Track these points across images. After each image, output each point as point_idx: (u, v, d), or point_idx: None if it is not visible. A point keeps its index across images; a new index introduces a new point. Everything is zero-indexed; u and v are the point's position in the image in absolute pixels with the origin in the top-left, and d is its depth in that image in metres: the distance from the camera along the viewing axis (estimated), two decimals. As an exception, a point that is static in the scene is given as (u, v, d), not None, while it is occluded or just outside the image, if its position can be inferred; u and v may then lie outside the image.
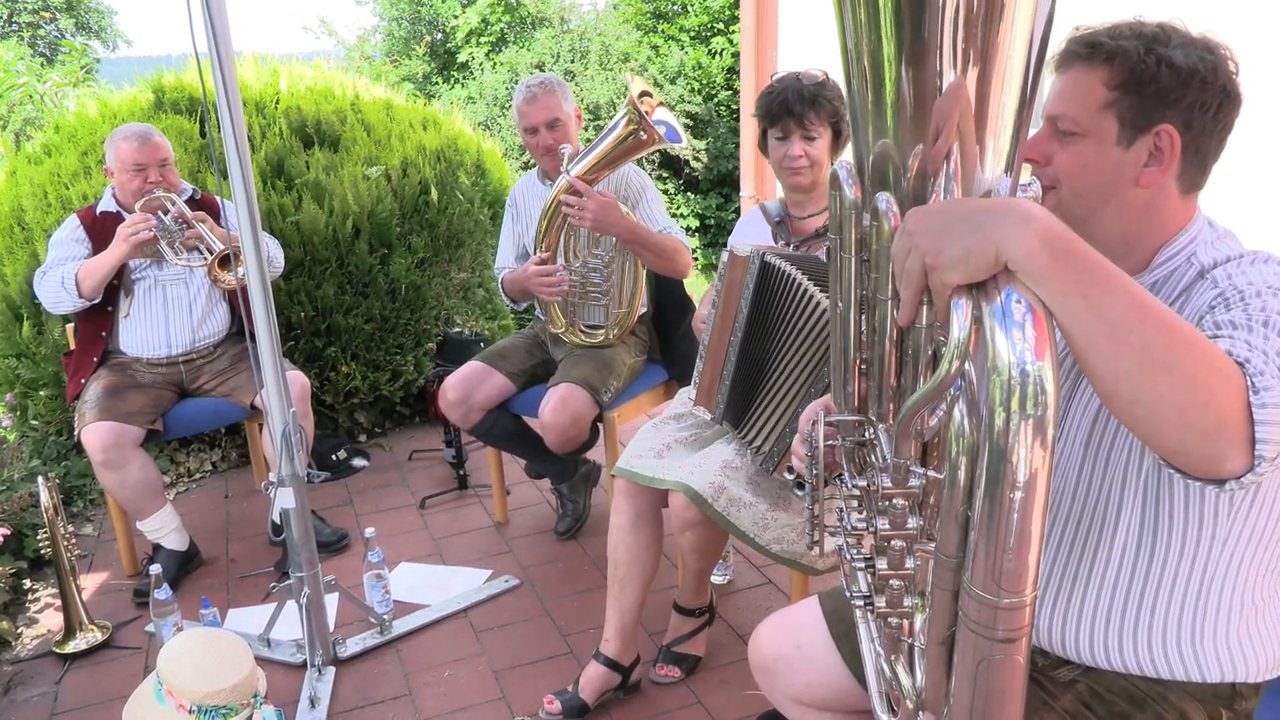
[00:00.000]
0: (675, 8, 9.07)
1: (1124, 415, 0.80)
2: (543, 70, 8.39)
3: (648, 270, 2.83)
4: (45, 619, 2.77)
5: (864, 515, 0.97)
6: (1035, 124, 1.14)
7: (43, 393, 3.60)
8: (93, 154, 3.71)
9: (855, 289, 0.96)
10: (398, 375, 3.97)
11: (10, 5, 15.48)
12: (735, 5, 7.90)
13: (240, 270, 2.74)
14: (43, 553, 2.69)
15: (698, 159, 8.14)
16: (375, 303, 3.81)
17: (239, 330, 3.12)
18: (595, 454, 3.11)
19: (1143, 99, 1.09)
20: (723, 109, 8.24)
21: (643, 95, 2.48)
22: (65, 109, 5.93)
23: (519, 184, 3.06)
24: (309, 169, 3.82)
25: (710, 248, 8.03)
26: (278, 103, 4.09)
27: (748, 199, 5.67)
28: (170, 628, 2.42)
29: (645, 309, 2.99)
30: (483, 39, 9.78)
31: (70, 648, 2.57)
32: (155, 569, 2.46)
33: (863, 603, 0.96)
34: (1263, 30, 2.84)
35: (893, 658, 0.99)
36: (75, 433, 2.82)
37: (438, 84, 10.04)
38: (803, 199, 2.25)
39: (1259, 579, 1.14)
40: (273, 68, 4.40)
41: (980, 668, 0.78)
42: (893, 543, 0.89)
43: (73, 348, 3.04)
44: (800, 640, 1.49)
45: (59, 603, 2.67)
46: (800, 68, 2.18)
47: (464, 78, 9.65)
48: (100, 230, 2.89)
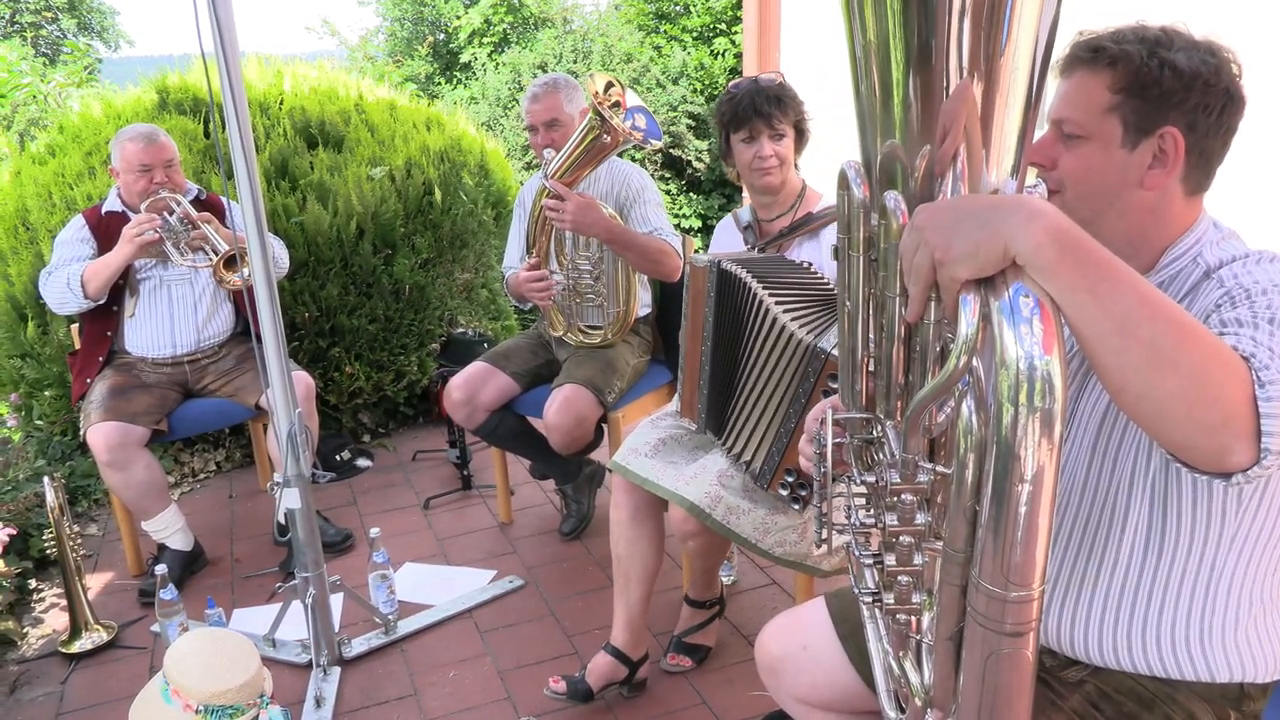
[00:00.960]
0: (678, 8, 9.08)
1: (1131, 409, 0.81)
2: (545, 71, 8.39)
3: None
4: (51, 619, 2.77)
5: (872, 512, 0.97)
6: (1040, 128, 1.15)
7: (48, 393, 3.60)
8: (97, 154, 3.71)
9: (863, 287, 0.96)
10: (401, 376, 3.97)
11: (12, 5, 15.49)
12: (738, 6, 7.90)
13: (245, 271, 2.75)
14: (48, 553, 2.70)
15: (700, 159, 8.15)
16: (379, 303, 3.81)
17: (244, 330, 3.12)
18: (600, 455, 3.11)
19: (1146, 102, 1.09)
20: (725, 109, 8.24)
21: (608, 88, 2.43)
22: (69, 109, 5.94)
23: (527, 184, 3.07)
24: (313, 169, 3.82)
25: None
26: (282, 103, 4.10)
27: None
28: (175, 628, 2.42)
29: (649, 310, 2.99)
30: (485, 39, 9.80)
31: (76, 648, 2.57)
32: (160, 569, 2.47)
33: (871, 599, 0.96)
34: (1265, 32, 2.84)
35: (901, 654, 0.99)
36: (80, 433, 2.83)
37: (440, 84, 10.06)
38: (769, 201, 2.28)
39: (1267, 577, 1.14)
40: (276, 68, 4.40)
41: (989, 662, 0.78)
42: (901, 538, 0.89)
43: (78, 348, 3.04)
44: (807, 641, 1.49)
45: (64, 603, 2.67)
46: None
47: (466, 78, 9.67)
48: (105, 230, 2.90)
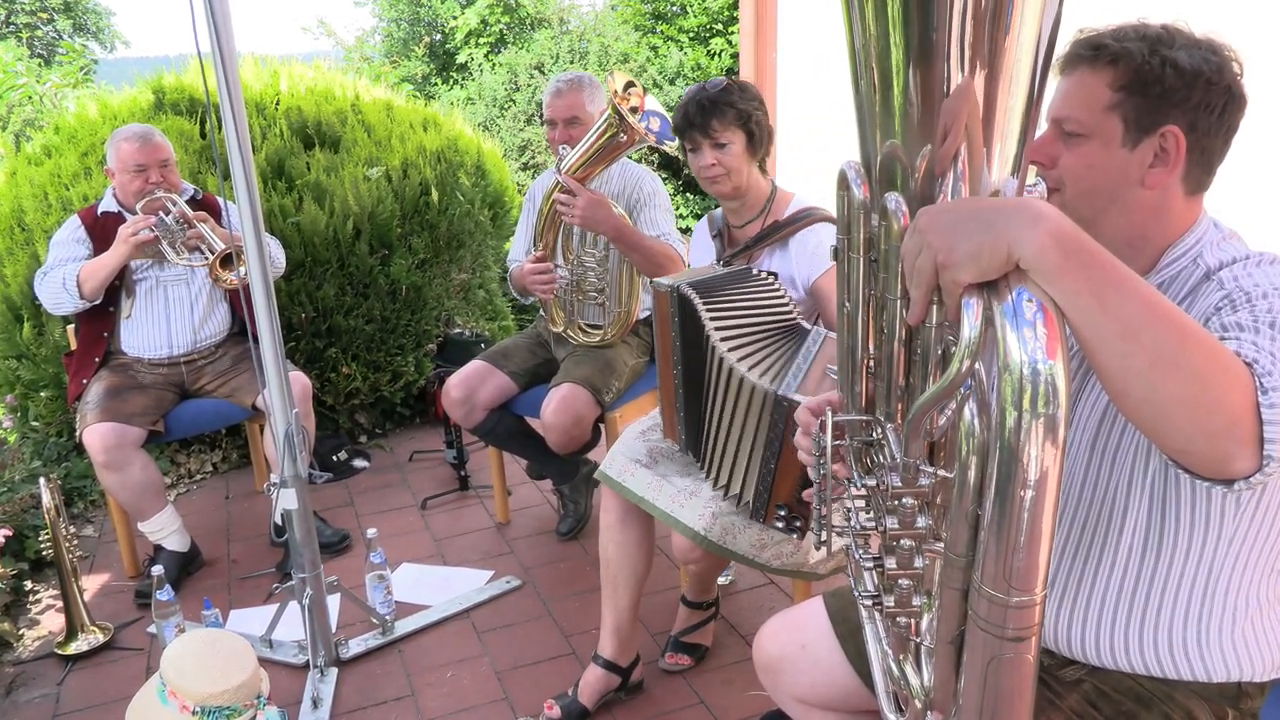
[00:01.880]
0: (674, 8, 9.07)
1: (1133, 414, 0.80)
2: (542, 72, 8.39)
3: None
4: (47, 620, 2.77)
5: (871, 515, 0.97)
6: (1039, 126, 1.15)
7: (44, 394, 3.59)
8: (93, 155, 3.71)
9: (863, 288, 0.96)
10: (398, 376, 3.97)
11: (8, 6, 15.46)
12: (734, 6, 7.91)
13: (242, 269, 2.75)
14: (44, 554, 2.69)
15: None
16: (376, 303, 3.81)
17: (240, 331, 3.12)
18: (597, 454, 3.10)
19: (1147, 100, 1.09)
20: (722, 110, 8.23)
21: (628, 87, 2.44)
22: (65, 110, 5.92)
23: (539, 179, 3.09)
24: (310, 170, 3.82)
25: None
26: (278, 104, 4.09)
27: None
28: (172, 629, 2.42)
29: (650, 312, 2.99)
30: (482, 40, 9.79)
31: (72, 649, 2.56)
32: (157, 570, 2.47)
33: (871, 602, 0.96)
34: (1266, 30, 2.84)
35: (901, 657, 0.99)
36: (76, 434, 2.82)
37: (437, 85, 10.05)
38: (735, 206, 2.24)
39: (1264, 579, 1.14)
40: (273, 69, 4.40)
41: (990, 667, 0.78)
42: (902, 542, 0.89)
43: (74, 348, 3.04)
44: (805, 640, 1.49)
45: (60, 604, 2.67)
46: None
47: (463, 78, 9.65)
48: (101, 231, 2.89)
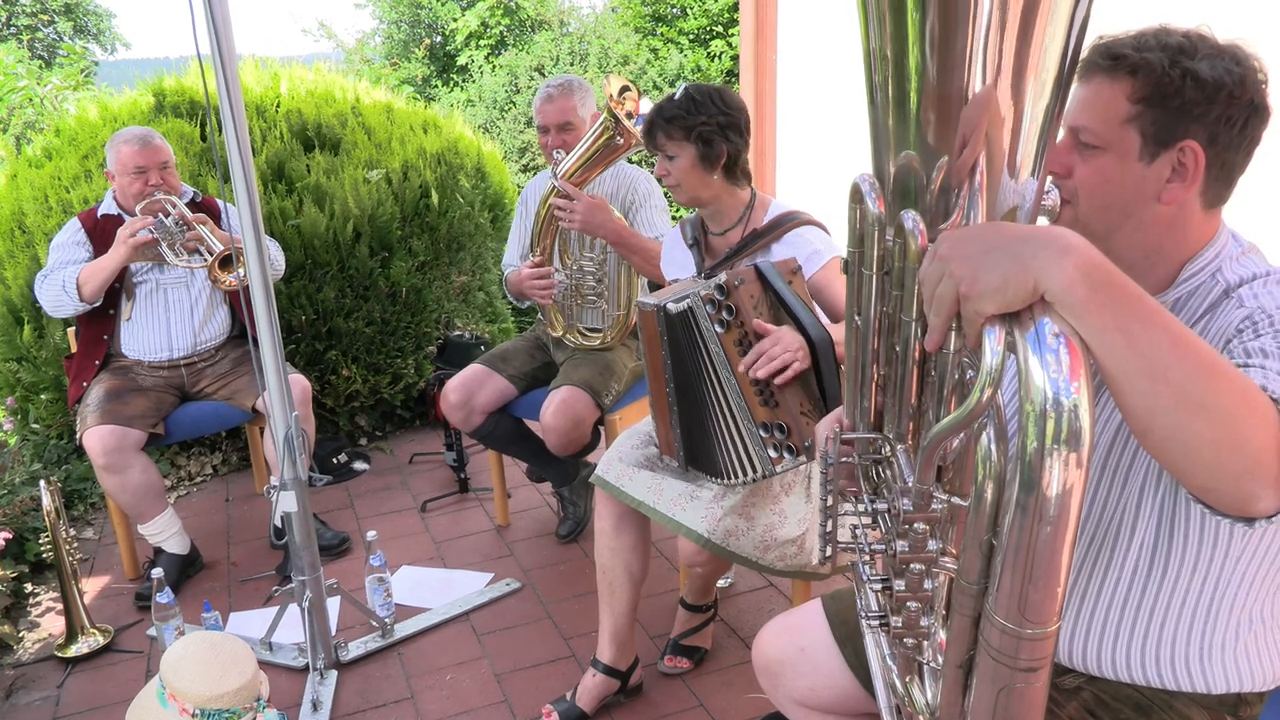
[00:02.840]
0: (674, 10, 9.08)
1: (1156, 451, 0.78)
2: (542, 74, 8.39)
3: None
4: (47, 623, 2.76)
5: (880, 535, 0.94)
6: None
7: (44, 396, 3.59)
8: (93, 157, 3.71)
9: (876, 305, 0.93)
10: (398, 378, 3.96)
11: (8, 8, 15.47)
12: (734, 8, 7.91)
13: (241, 270, 2.75)
14: (44, 556, 2.70)
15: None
16: (376, 306, 3.81)
17: (240, 333, 3.12)
18: (597, 457, 3.10)
19: (1166, 113, 1.04)
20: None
21: (623, 91, 2.43)
22: (65, 112, 5.93)
23: (531, 183, 3.07)
24: (310, 172, 3.82)
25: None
26: (278, 106, 4.10)
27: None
28: (172, 631, 2.42)
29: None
30: (482, 42, 9.80)
31: (72, 652, 2.56)
32: (157, 573, 2.47)
33: (878, 622, 0.93)
34: None
35: (907, 679, 0.97)
36: (76, 436, 2.82)
37: (437, 87, 10.06)
38: (710, 213, 2.21)
39: (1270, 596, 1.13)
40: (273, 71, 4.40)
41: (1001, 695, 0.76)
42: (912, 566, 0.87)
43: (74, 351, 3.04)
44: (804, 643, 1.49)
45: (60, 606, 2.67)
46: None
47: (463, 80, 9.66)
48: (101, 233, 2.89)
